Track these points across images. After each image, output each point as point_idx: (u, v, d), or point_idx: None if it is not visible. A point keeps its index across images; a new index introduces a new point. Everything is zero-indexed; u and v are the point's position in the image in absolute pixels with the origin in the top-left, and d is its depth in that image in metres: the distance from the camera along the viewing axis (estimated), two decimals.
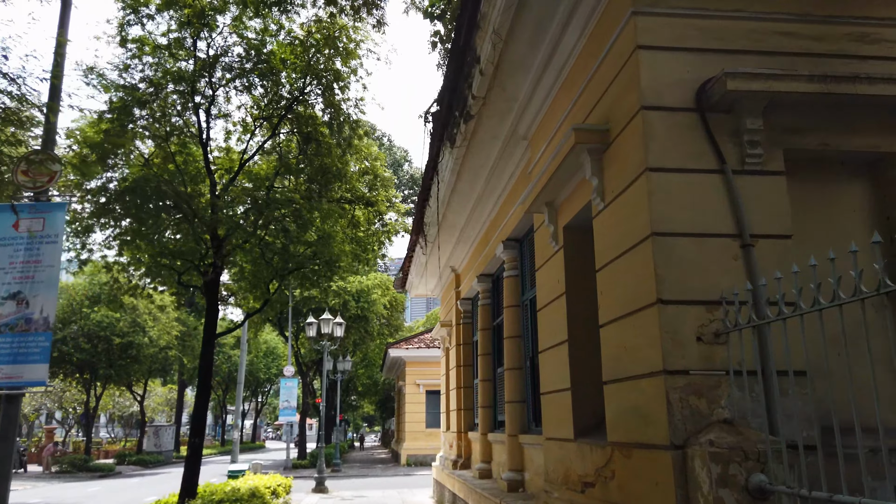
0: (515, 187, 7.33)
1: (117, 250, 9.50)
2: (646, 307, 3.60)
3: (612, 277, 4.11)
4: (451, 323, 12.42)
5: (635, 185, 3.77)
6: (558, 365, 5.21)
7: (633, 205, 3.81)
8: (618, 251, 4.01)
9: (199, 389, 9.02)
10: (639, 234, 3.70)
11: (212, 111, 10.61)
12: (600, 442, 4.36)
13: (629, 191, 3.86)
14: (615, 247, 4.06)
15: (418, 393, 29.45)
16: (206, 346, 9.14)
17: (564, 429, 5.04)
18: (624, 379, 3.90)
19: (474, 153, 7.11)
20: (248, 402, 65.81)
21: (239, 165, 9.77)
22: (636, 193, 3.76)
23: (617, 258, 4.03)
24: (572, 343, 5.00)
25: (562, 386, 5.11)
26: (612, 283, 4.11)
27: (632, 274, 3.80)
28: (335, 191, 10.60)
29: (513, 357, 7.78)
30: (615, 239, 4.07)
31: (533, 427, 7.29)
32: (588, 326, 5.03)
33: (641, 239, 3.67)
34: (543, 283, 5.74)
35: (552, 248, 5.44)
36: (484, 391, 9.61)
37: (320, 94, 10.33)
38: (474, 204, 8.74)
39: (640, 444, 3.65)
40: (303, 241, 9.63)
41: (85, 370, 28.36)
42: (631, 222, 3.83)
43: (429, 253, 11.18)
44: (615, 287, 4.07)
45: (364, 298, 27.84)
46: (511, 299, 7.93)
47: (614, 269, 4.08)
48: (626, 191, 3.90)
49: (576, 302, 5.07)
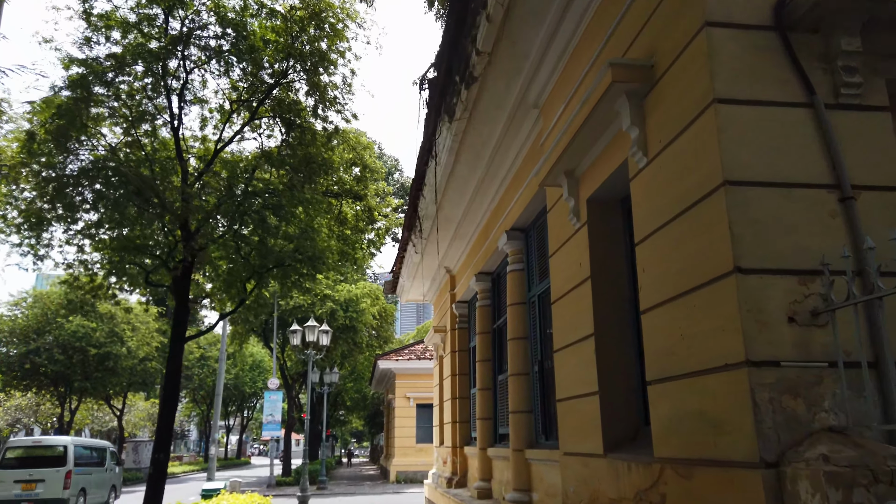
0: (522, 168, 6.49)
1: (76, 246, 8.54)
2: (716, 279, 2.75)
3: (662, 248, 3.25)
4: (446, 328, 11.51)
5: (697, 125, 2.93)
6: (581, 365, 4.34)
7: (693, 151, 2.96)
8: (670, 214, 3.16)
9: (164, 397, 8.04)
10: (703, 186, 2.86)
11: (186, 96, 9.74)
12: (642, 458, 3.48)
13: (687, 134, 3.02)
14: (665, 210, 3.21)
15: (408, 406, 28.38)
16: (173, 349, 8.18)
17: (590, 442, 4.16)
18: (680, 376, 3.03)
19: (476, 128, 6.26)
20: (234, 418, 64.27)
21: (214, 152, 8.87)
22: (699, 135, 2.92)
23: (668, 223, 3.18)
24: (600, 337, 4.13)
25: (586, 390, 4.23)
26: (662, 256, 3.26)
27: (692, 240, 2.95)
28: (320, 183, 9.71)
29: (518, 361, 6.89)
30: (665, 200, 3.22)
31: (542, 440, 6.38)
32: (619, 316, 4.18)
33: (708, 192, 2.82)
34: (560, 269, 4.88)
35: (572, 227, 4.58)
36: (483, 401, 8.69)
37: (304, 76, 9.46)
38: (474, 191, 7.88)
39: (709, 460, 2.77)
40: (283, 236, 8.72)
41: (59, 383, 27.07)
42: (690, 174, 2.98)
43: (423, 251, 10.30)
44: (666, 260, 3.21)
45: (353, 308, 26.84)
46: (515, 296, 7.06)
47: (664, 237, 3.23)
48: (683, 135, 3.05)
49: (604, 287, 4.21)
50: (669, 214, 3.17)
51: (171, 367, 8.18)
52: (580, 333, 4.35)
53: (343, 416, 60.16)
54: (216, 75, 9.73)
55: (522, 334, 6.92)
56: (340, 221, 10.42)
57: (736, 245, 2.65)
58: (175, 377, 8.09)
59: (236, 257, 8.66)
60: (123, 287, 9.48)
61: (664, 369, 3.20)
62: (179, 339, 8.22)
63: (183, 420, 79.65)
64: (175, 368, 8.18)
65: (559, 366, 4.86)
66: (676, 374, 3.07)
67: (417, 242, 9.96)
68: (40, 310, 25.87)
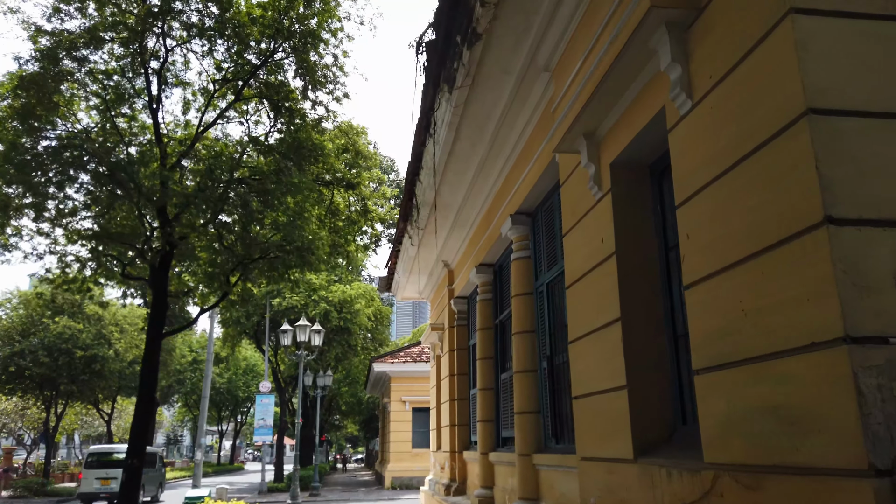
0: (530, 143, 5.90)
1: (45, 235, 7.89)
2: (797, 235, 2.15)
3: (714, 207, 2.66)
4: (443, 326, 10.90)
5: (766, 45, 2.33)
6: (604, 355, 3.74)
7: (759, 79, 2.37)
8: (726, 162, 2.56)
9: (140, 398, 7.39)
10: (776, 120, 2.26)
11: (168, 78, 9.13)
12: (685, 463, 2.88)
13: (751, 60, 2.42)
14: (719, 158, 2.62)
15: (404, 410, 27.73)
16: (150, 346, 7.54)
17: (616, 444, 3.55)
18: (742, 362, 2.43)
19: (479, 97, 5.67)
20: (228, 422, 63.38)
21: (196, 135, 8.25)
22: (768, 57, 2.32)
23: (723, 175, 2.59)
24: (628, 321, 3.53)
25: (611, 384, 3.63)
26: (714, 216, 2.66)
27: (760, 189, 2.35)
28: (310, 171, 9.10)
29: (524, 357, 6.29)
30: (718, 147, 2.63)
31: (552, 444, 5.77)
32: (650, 296, 3.59)
33: (783, 126, 2.23)
34: (577, 248, 4.28)
35: (592, 198, 3.99)
36: (484, 402, 8.08)
37: (293, 56, 8.85)
38: (475, 173, 7.28)
39: (787, 467, 2.17)
40: (269, 224, 8.08)
41: (45, 386, 26.29)
42: (755, 108, 2.39)
43: (420, 243, 9.69)
44: (720, 220, 2.62)
45: (347, 309, 26.18)
46: (521, 286, 6.46)
47: (717, 192, 2.63)
48: (745, 61, 2.46)
49: (631, 263, 3.61)
50: (725, 163, 2.57)
51: (146, 366, 7.54)
52: (603, 319, 3.75)
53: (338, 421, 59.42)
54: (199, 56, 9.13)
55: (529, 327, 6.32)
56: (332, 212, 9.80)
57: (826, 189, 2.05)
58: (151, 377, 7.45)
59: (218, 247, 8.02)
60: (99, 281, 8.84)
61: (718, 355, 2.60)
62: (156, 335, 7.58)
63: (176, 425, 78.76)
64: (151, 367, 7.54)
65: (576, 358, 4.25)
66: (736, 359, 2.47)
67: (414, 233, 9.36)
68: (25, 311, 25.12)
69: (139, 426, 7.44)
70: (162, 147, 7.97)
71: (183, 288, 9.31)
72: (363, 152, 9.27)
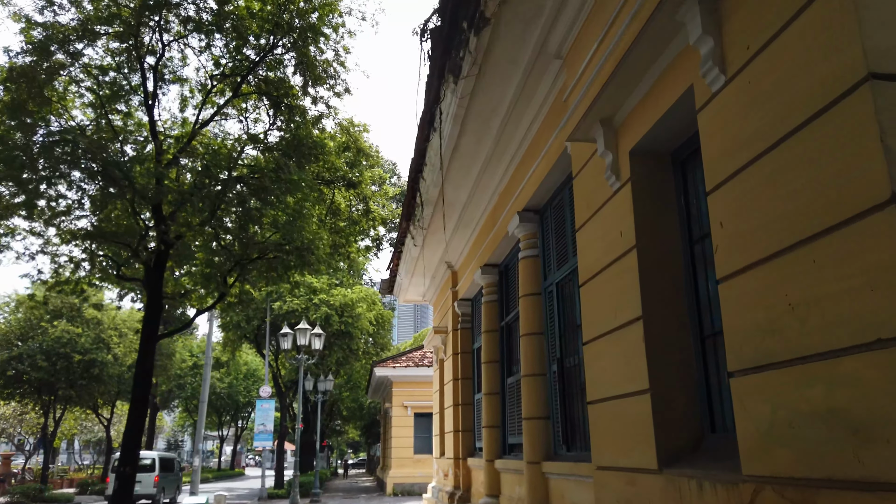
0: (539, 136, 5.65)
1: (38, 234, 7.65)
2: (857, 218, 1.90)
3: (753, 191, 2.40)
4: (447, 329, 10.64)
5: (819, 6, 2.08)
6: (624, 356, 3.48)
7: (808, 45, 2.12)
8: (767, 141, 2.31)
9: (133, 403, 7.12)
10: (829, 89, 2.01)
11: (165, 75, 8.90)
12: (719, 475, 2.62)
13: (800, 23, 2.17)
14: (758, 137, 2.37)
15: (406, 416, 27.38)
16: (144, 348, 7.28)
17: (638, 453, 3.29)
18: (789, 362, 2.17)
19: (485, 88, 5.42)
20: (229, 428, 63.02)
21: (192, 131, 8.02)
22: (818, 20, 2.07)
23: (763, 154, 2.33)
24: (650, 320, 3.27)
25: (631, 387, 3.37)
26: (753, 201, 2.41)
27: (810, 168, 2.10)
28: (310, 171, 8.85)
29: (532, 360, 6.02)
30: (758, 124, 2.38)
31: (563, 451, 5.51)
32: (674, 292, 3.33)
33: (839, 95, 1.98)
34: (592, 244, 4.03)
35: (609, 189, 3.74)
36: (489, 407, 7.81)
37: (292, 51, 8.62)
38: (480, 170, 7.04)
39: (847, 481, 1.91)
40: (268, 223, 7.83)
41: (43, 391, 26.02)
42: (803, 78, 2.14)
43: (423, 243, 9.44)
44: (759, 205, 2.36)
45: (348, 313, 25.90)
46: (529, 286, 6.20)
47: (757, 174, 2.38)
48: (791, 26, 2.21)
49: (653, 257, 3.36)
50: (765, 141, 2.32)
51: (140, 369, 7.28)
52: (623, 317, 3.49)
53: (339, 427, 59.02)
54: (197, 51, 8.90)
55: (537, 329, 6.06)
56: (333, 212, 9.55)
57: (894, 164, 1.80)
58: (145, 380, 7.19)
59: (215, 247, 7.77)
60: (93, 282, 8.59)
61: (760, 354, 2.34)
62: (151, 337, 7.32)
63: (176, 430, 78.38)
64: (145, 370, 7.28)
65: (591, 361, 3.99)
66: (782, 359, 2.21)
67: (417, 233, 9.11)
68: (24, 315, 24.89)
69: (132, 432, 7.18)
70: (157, 143, 7.74)
71: (180, 290, 9.06)
72: (364, 150, 9.02)
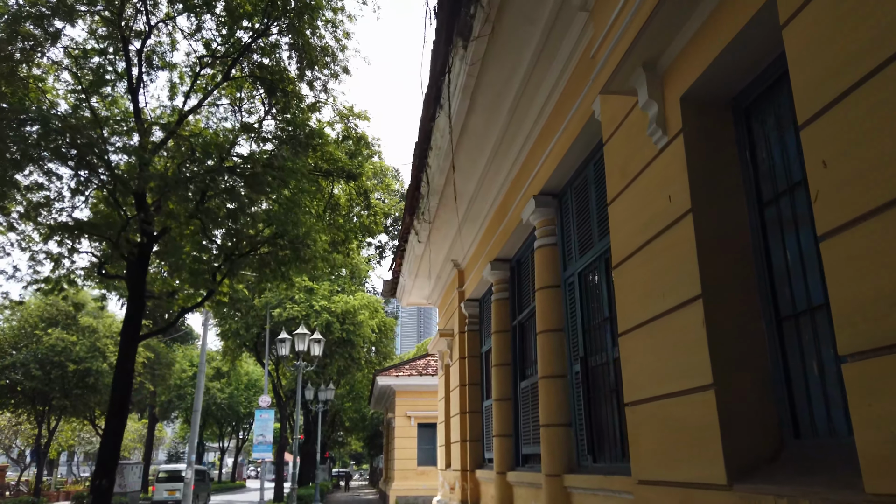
0: (558, 109, 5.06)
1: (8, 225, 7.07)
2: None
3: (877, 112, 1.80)
4: (453, 332, 10.01)
5: None
6: (675, 346, 2.86)
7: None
8: None
9: (111, 410, 6.50)
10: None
11: (154, 60, 8.35)
12: (823, 492, 1.99)
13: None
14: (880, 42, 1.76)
15: (409, 426, 26.63)
16: (124, 349, 6.66)
17: (697, 463, 2.66)
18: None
19: (498, 53, 4.84)
20: (230, 439, 62.21)
21: (180, 114, 7.44)
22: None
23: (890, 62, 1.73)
24: (712, 300, 2.66)
25: (688, 383, 2.75)
26: (877, 126, 1.80)
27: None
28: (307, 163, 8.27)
29: (551, 360, 5.39)
30: (880, 25, 1.78)
31: (587, 462, 4.86)
32: (741, 267, 2.72)
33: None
34: (630, 216, 3.42)
35: (653, 147, 3.13)
36: (501, 414, 7.17)
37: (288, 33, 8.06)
38: (491, 154, 6.44)
39: None
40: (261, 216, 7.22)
41: (37, 400, 25.37)
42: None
43: (427, 239, 8.83)
44: (884, 129, 1.75)
45: (350, 320, 25.26)
46: (547, 278, 5.58)
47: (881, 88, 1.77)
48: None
49: (714, 224, 2.75)
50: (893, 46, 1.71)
51: (120, 372, 6.66)
52: (674, 299, 2.87)
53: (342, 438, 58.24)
54: (187, 34, 8.35)
55: (556, 325, 5.43)
56: (332, 207, 8.95)
57: None
58: (125, 384, 6.57)
59: (202, 238, 7.15)
60: (74, 280, 8.00)
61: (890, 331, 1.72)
62: (132, 338, 6.71)
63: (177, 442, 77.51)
64: (126, 373, 6.66)
65: (630, 355, 3.37)
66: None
67: (421, 228, 8.51)
68: (18, 322, 24.30)
69: (110, 440, 6.53)
70: (142, 128, 7.17)
71: (168, 289, 8.44)
72: (364, 138, 8.43)
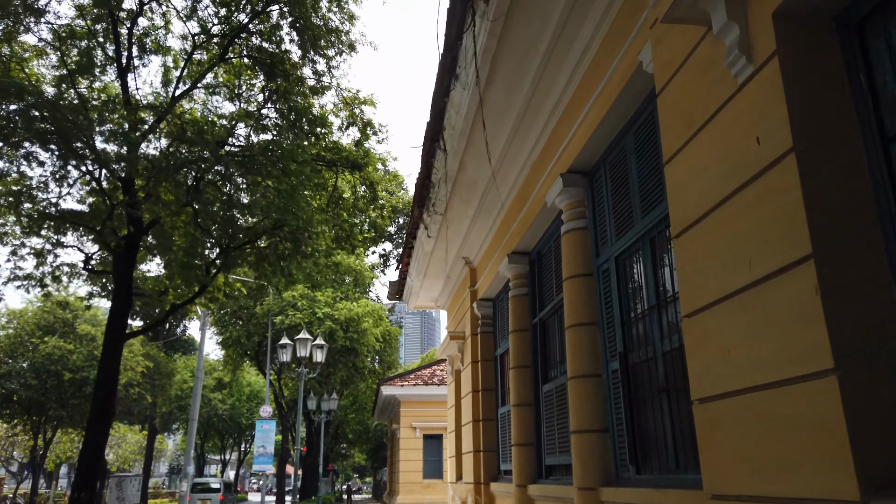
0: (595, 65, 4.47)
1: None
2: None
3: None
4: (464, 334, 9.40)
5: None
6: (770, 324, 2.26)
7: None
8: None
9: (92, 416, 5.89)
10: None
11: (146, 43, 7.82)
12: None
13: None
14: None
15: (414, 437, 25.91)
16: (108, 347, 6.06)
17: (812, 473, 2.05)
18: None
19: (525, 7, 4.27)
20: (232, 451, 61.33)
21: (173, 97, 6.89)
22: None
23: None
24: (827, 261, 2.06)
25: (795, 370, 2.14)
26: None
27: None
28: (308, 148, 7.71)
29: (582, 358, 4.78)
30: None
31: (628, 474, 4.23)
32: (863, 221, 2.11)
33: None
34: (700, 171, 2.83)
35: (731, 83, 2.55)
36: (520, 421, 6.54)
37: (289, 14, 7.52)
38: (509, 136, 5.86)
39: None
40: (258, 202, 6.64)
41: (33, 411, 24.73)
42: None
43: (437, 234, 8.24)
44: None
45: (353, 328, 24.64)
46: (576, 266, 4.98)
47: None
48: None
49: (824, 166, 2.15)
50: None
51: (104, 372, 6.05)
52: (769, 265, 2.27)
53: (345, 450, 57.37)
54: (181, 14, 7.82)
55: (588, 318, 4.82)
56: (335, 200, 8.37)
57: None
58: (109, 385, 5.97)
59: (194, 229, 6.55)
60: (59, 276, 7.42)
61: None
62: (117, 336, 6.11)
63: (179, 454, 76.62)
64: (110, 373, 6.06)
65: (701, 340, 2.76)
66: None
67: (432, 221, 7.93)
68: (14, 330, 23.74)
69: (91, 449, 5.90)
70: (131, 109, 6.62)
71: (159, 287, 7.84)
72: (370, 123, 7.86)
